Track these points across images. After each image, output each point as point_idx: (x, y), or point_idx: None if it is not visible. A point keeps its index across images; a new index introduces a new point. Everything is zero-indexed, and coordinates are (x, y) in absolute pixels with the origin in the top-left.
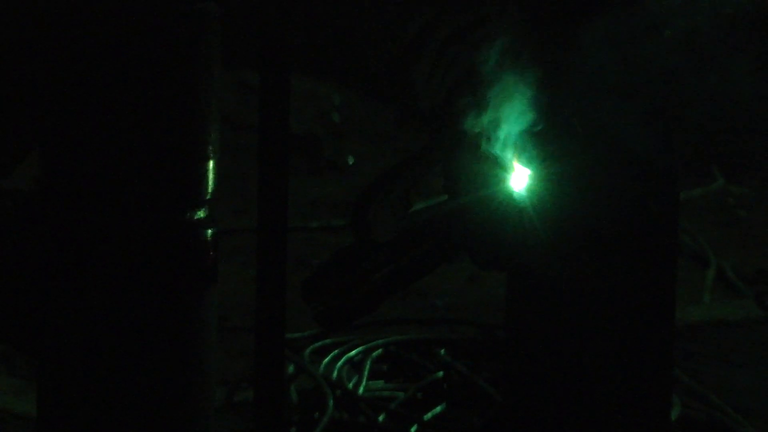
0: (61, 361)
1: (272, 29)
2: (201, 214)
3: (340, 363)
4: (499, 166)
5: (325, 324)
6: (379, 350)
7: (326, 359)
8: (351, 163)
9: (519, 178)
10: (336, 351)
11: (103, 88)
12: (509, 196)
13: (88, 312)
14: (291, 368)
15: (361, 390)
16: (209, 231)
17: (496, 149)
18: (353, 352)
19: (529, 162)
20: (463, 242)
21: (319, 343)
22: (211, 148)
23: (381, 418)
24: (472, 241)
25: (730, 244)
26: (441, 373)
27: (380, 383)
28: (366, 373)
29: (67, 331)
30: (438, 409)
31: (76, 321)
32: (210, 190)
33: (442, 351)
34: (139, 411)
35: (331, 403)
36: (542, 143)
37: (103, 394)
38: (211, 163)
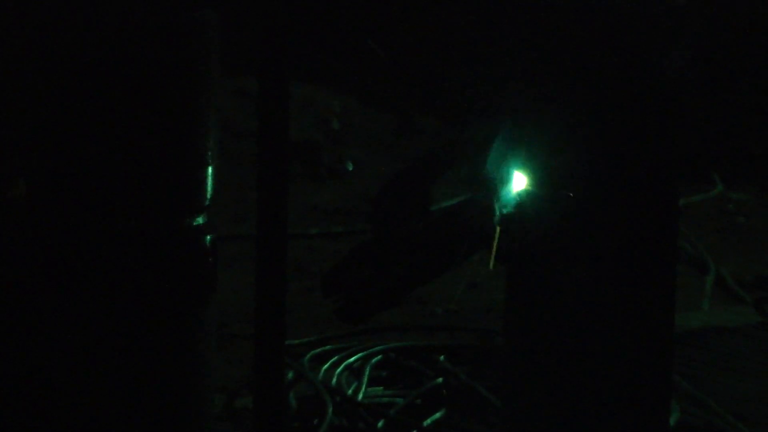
0: (60, 368)
1: (271, 36)
2: (200, 220)
3: (339, 369)
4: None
5: (346, 319)
6: (379, 357)
7: (325, 365)
8: (350, 169)
9: (519, 182)
10: (335, 357)
11: (102, 95)
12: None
13: (87, 318)
14: (290, 375)
15: (360, 396)
16: (208, 237)
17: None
18: (352, 359)
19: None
20: (483, 238)
21: (319, 350)
22: (209, 154)
23: (380, 424)
24: (491, 236)
25: (730, 251)
26: (440, 380)
27: (379, 389)
28: (365, 379)
29: (65, 337)
30: (437, 415)
31: (74, 327)
32: (209, 196)
33: (442, 357)
34: (137, 417)
35: (330, 409)
36: (540, 149)
37: (101, 401)
38: (209, 170)
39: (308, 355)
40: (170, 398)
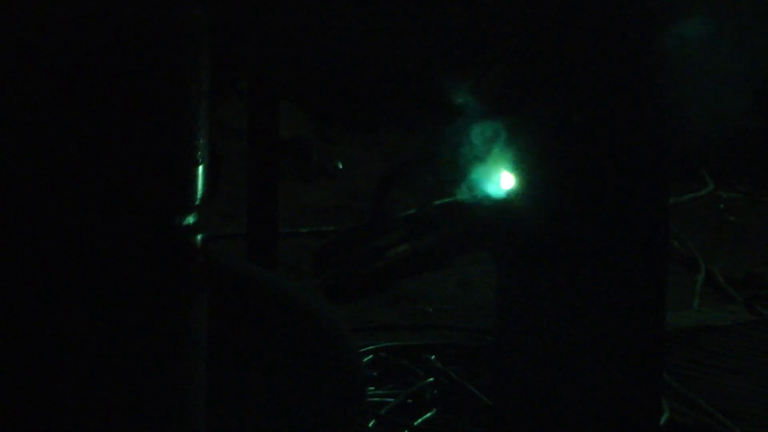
0: (43, 371)
1: (263, 37)
2: (190, 219)
3: None
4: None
5: (333, 298)
6: (370, 356)
7: None
8: (340, 167)
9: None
10: None
11: (90, 91)
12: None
13: (72, 319)
14: None
15: None
16: (199, 236)
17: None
18: None
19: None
20: (478, 233)
21: None
22: (200, 153)
23: (371, 423)
24: (486, 232)
25: (720, 249)
26: (431, 379)
27: (370, 389)
28: None
29: (47, 337)
30: (428, 414)
31: (57, 327)
32: (199, 195)
33: (433, 357)
34: (124, 421)
35: None
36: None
37: (86, 404)
38: (200, 168)
39: None
40: (160, 398)
